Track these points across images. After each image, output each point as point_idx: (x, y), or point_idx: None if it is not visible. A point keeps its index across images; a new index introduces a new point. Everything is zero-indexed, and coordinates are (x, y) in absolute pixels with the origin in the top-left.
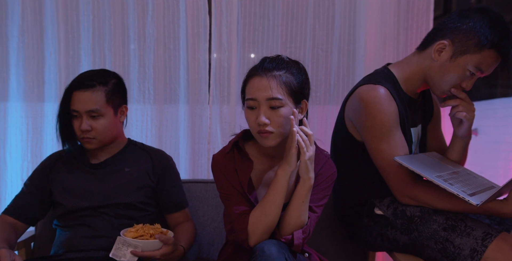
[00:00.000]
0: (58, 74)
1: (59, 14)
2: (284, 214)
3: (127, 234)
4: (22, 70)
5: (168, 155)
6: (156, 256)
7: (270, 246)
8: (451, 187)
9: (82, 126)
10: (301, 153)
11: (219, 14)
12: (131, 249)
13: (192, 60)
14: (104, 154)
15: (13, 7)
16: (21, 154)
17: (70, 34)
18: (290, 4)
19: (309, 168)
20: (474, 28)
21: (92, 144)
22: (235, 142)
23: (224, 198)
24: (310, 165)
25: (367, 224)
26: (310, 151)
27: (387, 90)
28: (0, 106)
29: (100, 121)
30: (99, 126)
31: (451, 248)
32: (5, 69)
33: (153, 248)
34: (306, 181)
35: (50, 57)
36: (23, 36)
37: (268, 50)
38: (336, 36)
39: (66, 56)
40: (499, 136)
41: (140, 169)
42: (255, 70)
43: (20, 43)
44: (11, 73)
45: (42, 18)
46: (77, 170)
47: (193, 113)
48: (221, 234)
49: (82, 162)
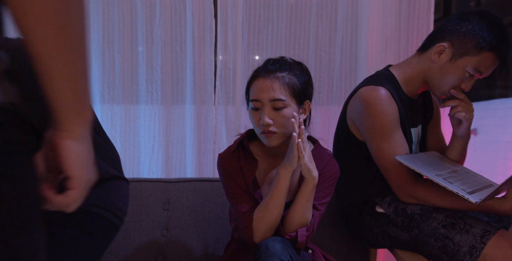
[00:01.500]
0: None
1: None
2: (289, 212)
3: None
4: None
5: None
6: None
7: (275, 243)
8: (450, 185)
9: None
10: (300, 157)
11: (224, 17)
12: None
13: (198, 62)
14: None
15: None
16: None
17: None
18: (293, 7)
19: (311, 168)
20: (473, 30)
21: None
22: (240, 141)
23: (230, 196)
24: (310, 165)
25: (368, 222)
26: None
27: (388, 92)
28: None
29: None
30: None
31: (450, 245)
32: None
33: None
34: (310, 181)
35: None
36: None
37: (272, 52)
38: (338, 38)
39: None
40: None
41: None
42: (259, 72)
43: None
44: None
45: None
46: None
47: (199, 113)
48: (226, 231)
49: None
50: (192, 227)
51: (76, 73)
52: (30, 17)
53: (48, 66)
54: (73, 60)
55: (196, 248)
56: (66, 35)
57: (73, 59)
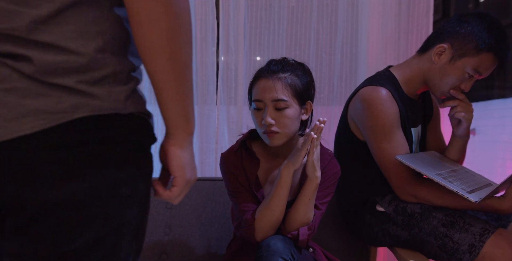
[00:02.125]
0: None
1: None
2: (291, 211)
3: None
4: None
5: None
6: None
7: (276, 241)
8: (450, 184)
9: None
10: (310, 153)
11: (226, 19)
12: None
13: (201, 63)
14: None
15: None
16: None
17: None
18: (294, 9)
19: (316, 167)
20: (472, 32)
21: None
22: (243, 141)
23: (232, 195)
24: (317, 164)
25: (369, 221)
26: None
27: (389, 92)
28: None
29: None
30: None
31: (450, 243)
32: None
33: None
34: (313, 180)
35: None
36: None
37: (273, 53)
38: (339, 39)
39: None
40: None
41: None
42: (261, 73)
43: None
44: None
45: None
46: None
47: (201, 113)
48: (229, 230)
49: None
50: (195, 226)
51: (183, 96)
52: (149, 52)
53: (163, 90)
54: (181, 86)
55: (198, 246)
56: (177, 67)
57: (182, 85)
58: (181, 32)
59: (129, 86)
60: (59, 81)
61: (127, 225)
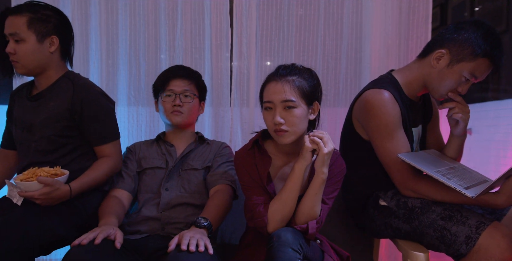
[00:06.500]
0: (100, 81)
1: (102, 29)
2: (299, 205)
3: (17, 177)
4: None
5: (96, 90)
6: (35, 195)
7: (286, 232)
8: (449, 181)
9: (6, 49)
10: (320, 148)
11: (239, 27)
12: (18, 190)
13: (216, 68)
14: (41, 85)
15: None
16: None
17: (110, 46)
18: (303, 17)
19: (325, 163)
20: (469, 38)
21: (17, 68)
22: (255, 140)
23: (245, 189)
24: (327, 160)
25: (372, 214)
26: (329, 147)
27: (391, 94)
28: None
29: (21, 45)
30: (20, 50)
31: (448, 235)
32: None
33: (32, 189)
34: (320, 175)
35: (94, 67)
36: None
37: (283, 58)
38: (344, 45)
39: (107, 65)
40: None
41: (62, 103)
42: (271, 76)
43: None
44: None
45: (88, 33)
46: (21, 101)
47: (216, 115)
48: (242, 222)
49: (26, 93)
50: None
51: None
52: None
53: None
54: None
55: (213, 238)
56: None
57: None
58: None
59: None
60: None
61: None
